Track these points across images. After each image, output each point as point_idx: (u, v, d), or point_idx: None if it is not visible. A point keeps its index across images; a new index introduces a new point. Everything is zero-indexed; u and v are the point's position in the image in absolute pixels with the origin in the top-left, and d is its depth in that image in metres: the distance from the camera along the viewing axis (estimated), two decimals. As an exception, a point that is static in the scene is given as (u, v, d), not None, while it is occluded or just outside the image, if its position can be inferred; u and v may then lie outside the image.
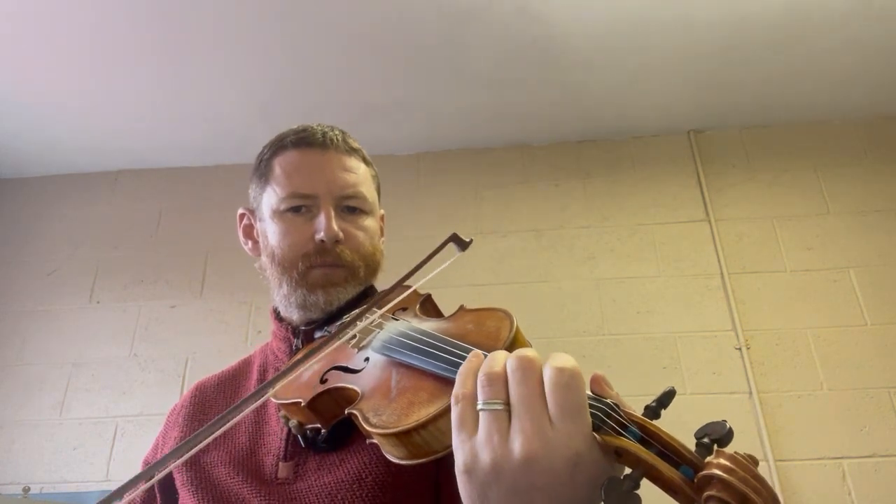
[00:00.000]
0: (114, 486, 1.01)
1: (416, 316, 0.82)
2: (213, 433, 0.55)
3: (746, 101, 2.75)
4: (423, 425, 0.57)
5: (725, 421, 0.45)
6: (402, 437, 0.58)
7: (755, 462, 0.42)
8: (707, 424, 0.45)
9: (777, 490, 2.13)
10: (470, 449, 0.47)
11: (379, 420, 0.62)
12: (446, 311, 0.83)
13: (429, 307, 0.87)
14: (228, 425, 0.56)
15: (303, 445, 0.82)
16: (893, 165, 2.73)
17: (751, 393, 2.32)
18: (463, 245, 0.80)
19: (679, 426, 0.48)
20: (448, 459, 0.77)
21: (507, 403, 0.48)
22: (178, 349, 2.64)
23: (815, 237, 2.61)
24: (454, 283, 2.63)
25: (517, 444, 0.45)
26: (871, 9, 2.27)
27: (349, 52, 2.44)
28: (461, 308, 0.78)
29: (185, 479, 0.88)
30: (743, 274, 2.56)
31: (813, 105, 2.77)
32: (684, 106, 2.77)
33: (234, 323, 2.67)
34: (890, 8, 2.27)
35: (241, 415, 0.57)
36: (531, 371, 0.48)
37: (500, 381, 0.48)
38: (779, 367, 2.37)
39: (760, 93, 2.69)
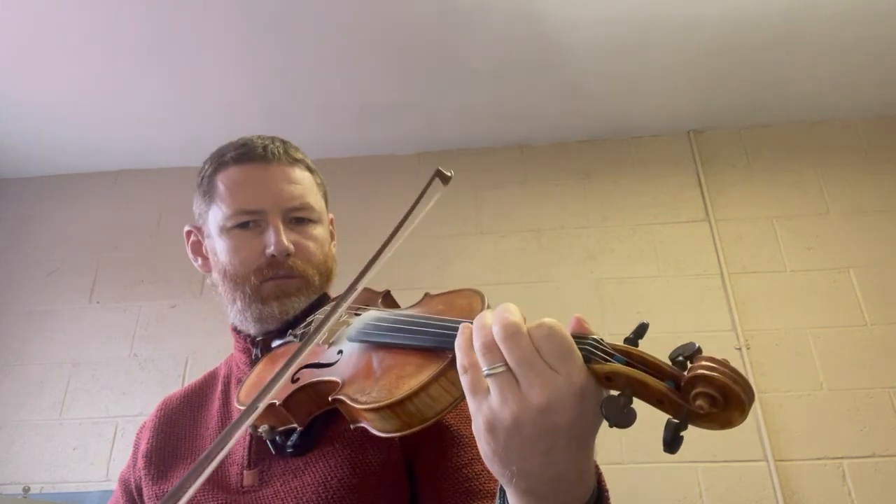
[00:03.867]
0: (114, 486, 1.01)
1: (379, 309, 0.83)
2: (208, 462, 0.56)
3: (746, 101, 2.75)
4: (415, 393, 0.59)
5: (693, 341, 0.51)
6: (396, 408, 0.60)
7: (728, 361, 0.48)
8: (678, 347, 0.51)
9: (777, 490, 2.14)
10: (488, 409, 0.51)
11: (368, 397, 0.63)
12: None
13: (390, 301, 0.89)
14: (222, 454, 0.57)
15: (273, 452, 0.82)
16: (893, 165, 2.73)
17: (751, 393, 2.32)
18: (445, 179, 0.81)
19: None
20: (423, 454, 0.79)
21: (508, 364, 0.51)
22: (178, 349, 2.64)
23: (815, 237, 2.61)
24: (454, 284, 2.62)
25: (533, 396, 0.49)
26: (871, 9, 2.27)
27: (349, 52, 2.44)
28: (426, 295, 0.80)
29: (151, 492, 0.89)
30: (743, 274, 2.56)
31: (813, 105, 2.77)
32: (684, 106, 2.77)
33: (234, 323, 2.67)
34: (890, 8, 2.27)
35: (233, 440, 0.59)
36: (518, 334, 0.51)
37: (496, 347, 0.52)
38: (779, 367, 2.37)
39: (760, 93, 2.69)
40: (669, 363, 0.50)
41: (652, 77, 2.60)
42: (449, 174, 0.81)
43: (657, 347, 0.54)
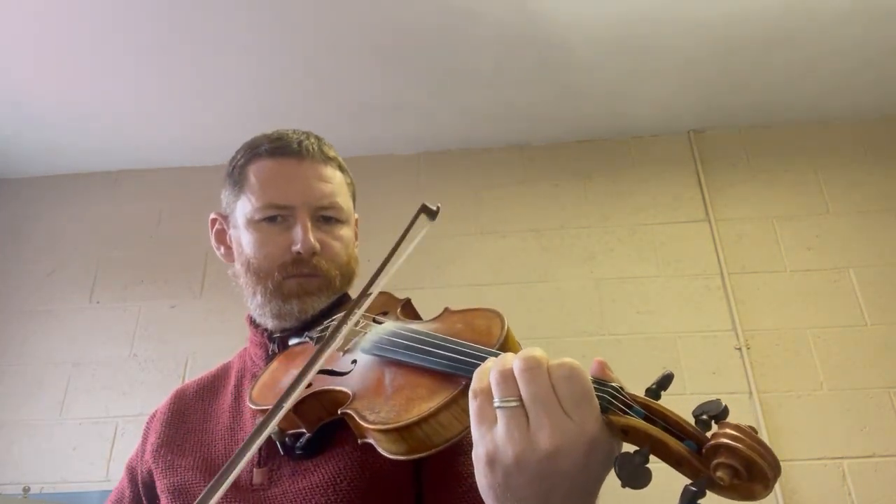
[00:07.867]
0: (114, 486, 1.01)
1: (398, 319, 0.82)
2: (234, 467, 0.57)
3: (746, 101, 2.75)
4: (425, 419, 0.59)
5: (720, 399, 0.48)
6: (404, 432, 0.59)
7: (756, 431, 0.46)
8: (703, 403, 0.49)
9: (777, 490, 2.13)
10: (491, 441, 0.50)
11: (377, 417, 0.62)
12: (427, 315, 0.83)
13: (409, 311, 0.87)
14: (241, 465, 0.57)
15: (281, 453, 0.82)
16: (893, 165, 2.73)
17: (751, 393, 2.32)
18: (432, 214, 0.80)
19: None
20: (431, 460, 0.78)
21: (521, 399, 0.50)
22: (178, 349, 2.64)
23: (815, 237, 2.61)
24: (454, 283, 2.63)
25: (541, 439, 0.48)
26: (871, 9, 2.27)
27: (349, 53, 2.44)
28: (446, 310, 0.79)
29: (163, 485, 0.89)
30: (743, 274, 2.56)
31: (813, 105, 2.77)
32: (684, 106, 2.77)
33: (234, 323, 2.66)
34: (890, 8, 2.27)
35: (251, 451, 0.59)
36: (539, 370, 0.50)
37: (512, 380, 0.51)
38: (779, 367, 2.37)
39: (760, 93, 2.69)
40: (692, 422, 0.48)
41: (652, 77, 2.60)
42: (435, 208, 0.80)
43: (658, 347, 0.54)
